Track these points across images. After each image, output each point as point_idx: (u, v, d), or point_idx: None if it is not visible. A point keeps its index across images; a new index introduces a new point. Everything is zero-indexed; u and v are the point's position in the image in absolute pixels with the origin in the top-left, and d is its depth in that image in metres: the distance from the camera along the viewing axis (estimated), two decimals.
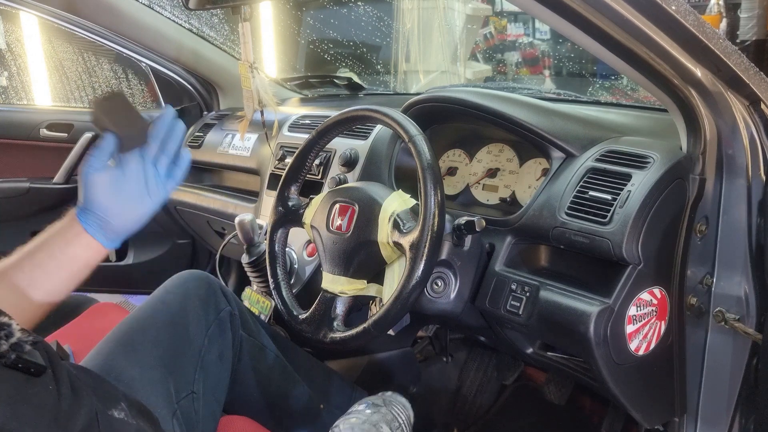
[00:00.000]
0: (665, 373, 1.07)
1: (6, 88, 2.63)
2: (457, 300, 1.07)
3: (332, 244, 1.07)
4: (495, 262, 1.11)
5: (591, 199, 1.00)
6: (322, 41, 3.80)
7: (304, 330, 1.07)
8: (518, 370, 1.67)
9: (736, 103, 0.98)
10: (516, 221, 1.11)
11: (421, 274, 0.92)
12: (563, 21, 0.83)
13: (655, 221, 0.97)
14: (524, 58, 5.69)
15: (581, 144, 1.11)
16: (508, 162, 1.31)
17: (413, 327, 1.56)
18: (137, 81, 2.36)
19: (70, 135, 1.99)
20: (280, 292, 1.14)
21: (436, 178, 0.95)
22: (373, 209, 1.03)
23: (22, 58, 2.55)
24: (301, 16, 3.94)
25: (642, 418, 1.08)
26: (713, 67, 0.91)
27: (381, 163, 1.37)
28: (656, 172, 0.98)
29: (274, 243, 1.17)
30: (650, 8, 0.80)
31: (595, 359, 0.96)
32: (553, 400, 1.59)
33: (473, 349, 1.74)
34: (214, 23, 2.05)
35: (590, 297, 0.97)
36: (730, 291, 1.05)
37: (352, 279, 1.05)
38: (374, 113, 1.07)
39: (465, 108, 1.26)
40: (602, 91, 4.16)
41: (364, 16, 3.90)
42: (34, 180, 1.97)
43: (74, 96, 2.50)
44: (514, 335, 1.15)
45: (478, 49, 5.26)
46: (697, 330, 1.08)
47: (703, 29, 0.84)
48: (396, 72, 4.14)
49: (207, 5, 1.28)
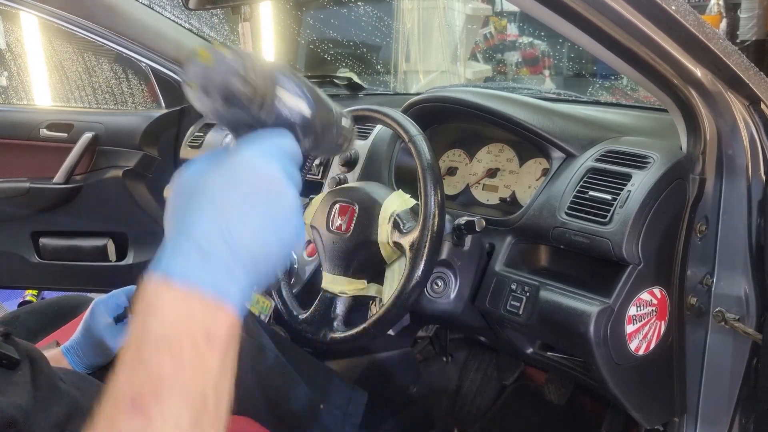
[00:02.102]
0: (665, 373, 1.07)
1: (6, 88, 2.63)
2: (457, 300, 1.07)
3: (332, 244, 1.07)
4: (495, 262, 1.11)
5: (591, 199, 1.00)
6: (322, 41, 3.80)
7: (304, 330, 1.07)
8: (518, 370, 1.67)
9: (736, 103, 0.98)
10: (516, 221, 1.11)
11: (421, 274, 0.93)
12: (563, 21, 0.83)
13: (655, 221, 0.97)
14: (524, 58, 5.68)
15: (581, 144, 1.11)
16: (508, 162, 1.31)
17: (413, 327, 1.56)
18: (137, 81, 2.36)
19: (70, 135, 1.99)
20: (280, 292, 1.14)
21: (436, 178, 0.95)
22: (373, 209, 1.03)
23: (22, 58, 2.55)
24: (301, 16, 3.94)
25: (642, 418, 1.08)
26: (713, 67, 0.91)
27: (381, 163, 1.37)
28: (656, 172, 0.98)
29: None
30: (650, 8, 0.80)
31: (595, 359, 0.96)
32: (553, 400, 1.59)
33: (473, 349, 1.74)
34: (214, 23, 2.05)
35: (590, 297, 0.97)
36: (730, 291, 1.05)
37: (352, 279, 1.05)
38: (374, 113, 1.07)
39: (465, 108, 1.26)
40: (602, 91, 4.16)
41: (364, 16, 3.90)
42: (34, 180, 1.96)
43: (74, 96, 2.50)
44: (514, 335, 1.15)
45: (478, 49, 5.26)
46: (697, 330, 1.08)
47: (703, 29, 0.84)
48: (396, 72, 4.14)
49: (207, 5, 1.28)
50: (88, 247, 2.02)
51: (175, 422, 0.42)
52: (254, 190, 0.48)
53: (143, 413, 0.41)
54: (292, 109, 0.55)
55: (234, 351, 0.48)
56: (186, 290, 0.45)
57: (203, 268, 0.45)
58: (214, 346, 0.45)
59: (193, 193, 0.48)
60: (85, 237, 2.03)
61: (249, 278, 0.47)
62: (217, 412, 0.45)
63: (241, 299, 0.47)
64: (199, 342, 0.44)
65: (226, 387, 0.47)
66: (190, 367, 0.43)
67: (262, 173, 0.49)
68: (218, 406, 0.46)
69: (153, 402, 0.42)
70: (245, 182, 0.48)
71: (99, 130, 1.99)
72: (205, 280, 0.45)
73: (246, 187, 0.48)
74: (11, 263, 2.03)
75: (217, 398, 0.45)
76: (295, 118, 0.55)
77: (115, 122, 2.04)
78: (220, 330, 0.45)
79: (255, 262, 0.47)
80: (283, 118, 0.54)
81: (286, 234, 0.50)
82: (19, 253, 2.02)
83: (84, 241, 2.03)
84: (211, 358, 0.45)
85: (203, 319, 0.45)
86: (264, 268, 0.49)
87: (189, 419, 0.43)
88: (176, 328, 0.44)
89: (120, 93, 2.40)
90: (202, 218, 0.46)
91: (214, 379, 0.45)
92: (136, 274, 2.35)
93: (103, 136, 2.00)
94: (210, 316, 0.45)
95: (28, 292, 2.64)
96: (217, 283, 0.45)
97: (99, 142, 1.99)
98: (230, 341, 0.47)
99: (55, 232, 2.03)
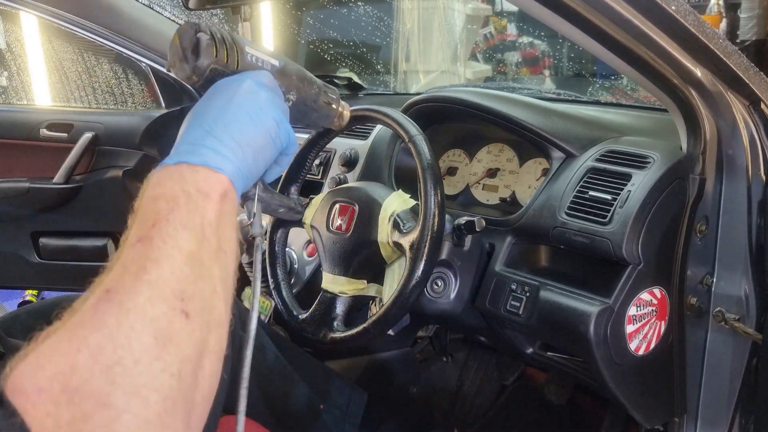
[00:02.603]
0: (665, 373, 1.07)
1: (6, 88, 2.63)
2: (457, 300, 1.07)
3: (332, 244, 1.07)
4: (495, 262, 1.11)
5: (591, 199, 1.00)
6: (322, 41, 3.79)
7: (304, 330, 1.07)
8: (518, 370, 1.67)
9: (736, 103, 0.98)
10: (516, 221, 1.11)
11: (421, 274, 0.92)
12: (563, 21, 0.83)
13: (655, 221, 0.97)
14: (524, 58, 5.69)
15: (581, 144, 1.11)
16: (508, 162, 1.31)
17: (413, 327, 1.56)
18: (137, 81, 2.36)
19: (70, 135, 1.99)
20: (280, 292, 1.14)
21: (436, 178, 0.95)
22: (373, 209, 1.03)
23: (22, 58, 2.55)
24: (301, 16, 3.93)
25: (642, 418, 1.08)
26: (713, 67, 0.91)
27: (381, 163, 1.37)
28: (656, 172, 0.98)
29: (274, 243, 1.17)
30: (650, 8, 0.80)
31: (595, 359, 0.96)
32: (553, 400, 1.59)
33: (473, 349, 1.74)
34: (214, 23, 2.05)
35: (590, 297, 0.97)
36: (730, 291, 1.05)
37: (352, 279, 1.05)
38: (374, 113, 1.07)
39: (465, 108, 1.26)
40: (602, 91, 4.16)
41: (364, 16, 3.90)
42: (34, 180, 1.96)
43: (74, 96, 2.49)
44: (514, 335, 1.15)
45: (478, 49, 5.25)
46: (697, 330, 1.08)
47: (703, 29, 0.84)
48: (396, 72, 4.13)
49: (207, 5, 1.28)
50: (88, 247, 2.02)
51: (175, 244, 0.47)
52: (227, 97, 0.59)
53: (145, 242, 0.46)
54: (261, 59, 0.65)
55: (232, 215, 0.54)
56: (178, 167, 0.52)
57: (192, 153, 0.53)
58: (208, 198, 0.51)
59: (188, 118, 0.59)
60: (85, 237, 2.03)
61: (238, 157, 0.56)
62: (219, 252, 0.50)
63: (236, 172, 0.55)
64: (191, 194, 0.50)
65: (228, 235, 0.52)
66: (185, 209, 0.49)
67: (231, 87, 0.61)
68: (220, 246, 0.51)
69: (154, 232, 0.47)
70: (222, 92, 0.60)
71: (99, 130, 1.99)
72: (194, 157, 0.53)
73: (219, 97, 0.60)
74: (11, 263, 2.02)
75: (218, 238, 0.51)
76: (268, 67, 0.66)
77: (115, 122, 2.04)
78: (212, 188, 0.52)
79: (240, 144, 0.56)
80: (258, 66, 0.65)
81: (265, 122, 0.60)
82: (19, 253, 2.01)
83: (84, 241, 2.02)
84: (206, 205, 0.51)
85: (194, 179, 0.52)
86: (252, 151, 0.58)
87: (188, 244, 0.47)
88: (170, 187, 0.50)
89: (120, 93, 2.40)
90: (192, 125, 0.57)
91: (212, 222, 0.50)
92: None
93: (103, 136, 2.00)
94: (201, 178, 0.52)
95: (28, 292, 2.64)
96: (205, 157, 0.53)
97: (99, 142, 1.99)
98: (226, 202, 0.53)
99: (55, 232, 2.03)
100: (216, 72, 0.62)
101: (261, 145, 0.59)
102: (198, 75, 0.62)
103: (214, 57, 0.61)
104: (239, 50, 0.63)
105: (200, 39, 0.61)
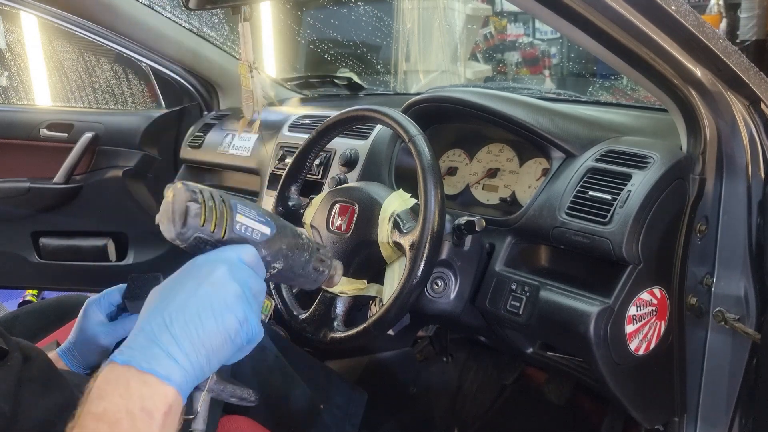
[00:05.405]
0: (665, 373, 1.07)
1: (6, 88, 2.63)
2: (457, 300, 1.07)
3: (332, 244, 1.07)
4: (495, 262, 1.11)
5: (591, 199, 1.00)
6: (322, 41, 3.79)
7: (305, 330, 1.07)
8: (518, 370, 1.67)
9: (736, 103, 0.98)
10: (516, 221, 1.11)
11: (421, 274, 0.92)
12: (563, 21, 0.83)
13: (655, 221, 0.97)
14: (524, 58, 5.69)
15: (581, 144, 1.11)
16: (508, 162, 1.31)
17: (413, 327, 1.56)
18: (137, 81, 2.36)
19: (70, 135, 1.99)
20: (280, 292, 1.14)
21: (436, 178, 0.95)
22: (373, 209, 1.03)
23: (22, 58, 2.54)
24: (301, 16, 3.94)
25: (642, 418, 1.08)
26: (713, 67, 0.91)
27: (381, 163, 1.37)
28: (656, 172, 0.98)
29: None
30: (650, 8, 0.80)
31: (595, 359, 0.96)
32: (553, 400, 1.59)
33: (473, 349, 1.74)
34: (214, 23, 2.05)
35: (590, 297, 0.97)
36: (730, 291, 1.05)
37: (352, 279, 1.05)
38: (374, 113, 1.07)
39: (465, 108, 1.26)
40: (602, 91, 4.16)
41: (364, 16, 3.90)
42: (34, 180, 1.97)
43: (74, 96, 2.50)
44: (514, 335, 1.15)
45: (478, 49, 5.26)
46: (697, 330, 1.08)
47: (703, 29, 0.84)
48: (396, 72, 4.14)
49: (207, 5, 1.29)
50: (88, 247, 2.02)
51: None
52: (196, 284, 0.58)
53: None
54: (251, 228, 0.65)
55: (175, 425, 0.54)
56: (126, 371, 0.52)
57: (145, 353, 0.53)
58: (152, 420, 0.51)
59: (153, 298, 0.58)
60: (85, 237, 2.03)
61: (191, 362, 0.55)
62: None
63: (185, 381, 0.55)
64: (135, 414, 0.50)
65: None
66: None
67: (204, 271, 0.59)
68: None
69: None
70: (190, 278, 0.59)
71: (99, 130, 1.99)
72: (144, 362, 0.52)
73: (190, 282, 0.58)
74: (11, 263, 2.03)
75: None
76: (256, 237, 0.65)
77: (115, 122, 2.05)
78: (157, 406, 0.52)
79: (195, 346, 0.55)
80: (245, 238, 0.64)
81: (227, 322, 0.58)
82: (19, 253, 2.02)
83: (84, 241, 2.03)
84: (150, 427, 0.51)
85: (140, 395, 0.51)
86: (207, 353, 0.56)
87: None
88: (115, 403, 0.50)
89: (120, 93, 2.40)
90: (153, 313, 0.56)
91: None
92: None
93: (103, 136, 2.00)
94: (147, 394, 0.52)
95: (28, 292, 2.64)
96: (156, 364, 0.53)
97: (99, 142, 1.99)
98: (169, 418, 0.53)
99: (55, 232, 2.03)
100: (200, 240, 0.62)
101: (219, 344, 0.57)
102: (182, 241, 0.62)
103: (200, 227, 0.61)
104: (229, 219, 0.63)
105: (189, 208, 0.61)
